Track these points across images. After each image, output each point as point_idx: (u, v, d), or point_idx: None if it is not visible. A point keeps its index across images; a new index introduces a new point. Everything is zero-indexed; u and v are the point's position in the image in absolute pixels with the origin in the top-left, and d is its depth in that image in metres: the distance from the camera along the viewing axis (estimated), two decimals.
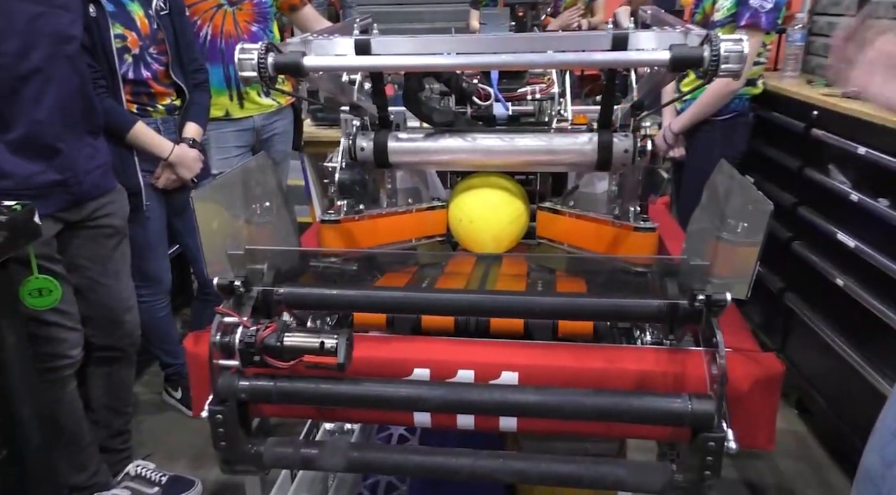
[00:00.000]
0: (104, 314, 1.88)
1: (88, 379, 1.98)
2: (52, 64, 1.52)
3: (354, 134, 1.49)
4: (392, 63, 1.18)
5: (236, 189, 1.14)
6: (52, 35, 1.50)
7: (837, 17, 2.58)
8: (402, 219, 1.51)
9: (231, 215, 1.12)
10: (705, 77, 1.04)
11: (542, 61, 1.10)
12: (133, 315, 1.97)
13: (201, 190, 1.03)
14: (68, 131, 1.60)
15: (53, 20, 1.50)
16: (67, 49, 1.57)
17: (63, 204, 1.65)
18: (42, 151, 1.56)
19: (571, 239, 1.48)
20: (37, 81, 1.50)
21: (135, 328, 2.00)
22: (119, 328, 1.93)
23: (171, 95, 2.16)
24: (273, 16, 2.70)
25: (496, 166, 1.55)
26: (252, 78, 1.10)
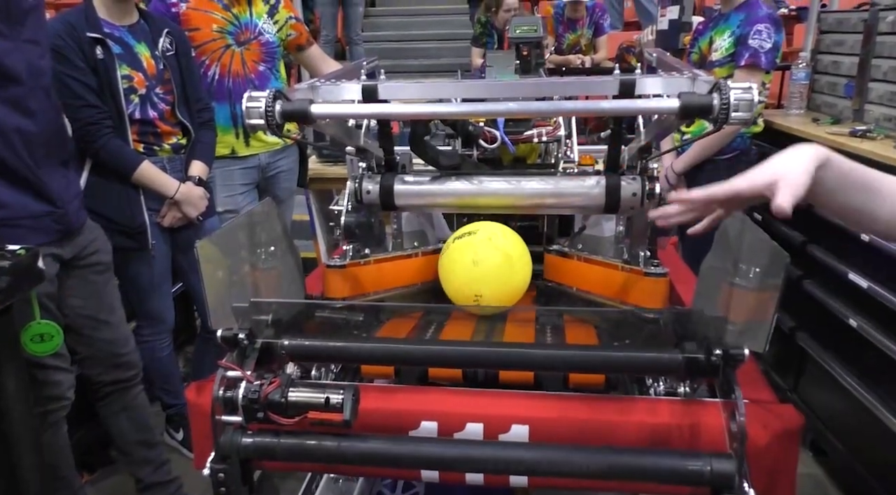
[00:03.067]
0: (107, 349, 1.87)
1: (108, 420, 1.97)
2: (29, 97, 1.52)
3: (360, 177, 1.48)
4: (398, 111, 1.17)
5: (241, 237, 1.13)
6: (26, 70, 1.50)
7: (841, 55, 2.59)
8: (407, 263, 1.49)
9: (236, 264, 1.10)
10: (715, 125, 1.03)
11: (551, 109, 1.09)
12: (132, 346, 1.96)
13: (206, 239, 1.02)
14: (49, 162, 1.60)
15: (25, 54, 1.51)
16: (43, 81, 1.57)
17: (54, 235, 1.64)
18: (28, 182, 1.56)
19: (579, 282, 1.46)
20: (14, 113, 1.50)
21: (136, 360, 1.98)
22: (122, 359, 1.92)
23: (177, 134, 2.17)
24: (280, 55, 2.73)
25: (503, 209, 1.53)
26: (259, 125, 1.10)
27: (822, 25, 2.71)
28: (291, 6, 2.86)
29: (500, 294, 1.36)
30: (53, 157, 1.62)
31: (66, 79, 1.88)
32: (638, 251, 1.35)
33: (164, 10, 2.45)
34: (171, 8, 2.45)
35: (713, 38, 2.41)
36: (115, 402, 1.93)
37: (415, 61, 6.74)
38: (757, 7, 2.31)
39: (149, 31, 2.08)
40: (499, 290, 1.36)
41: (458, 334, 1.30)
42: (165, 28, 2.13)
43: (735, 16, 2.35)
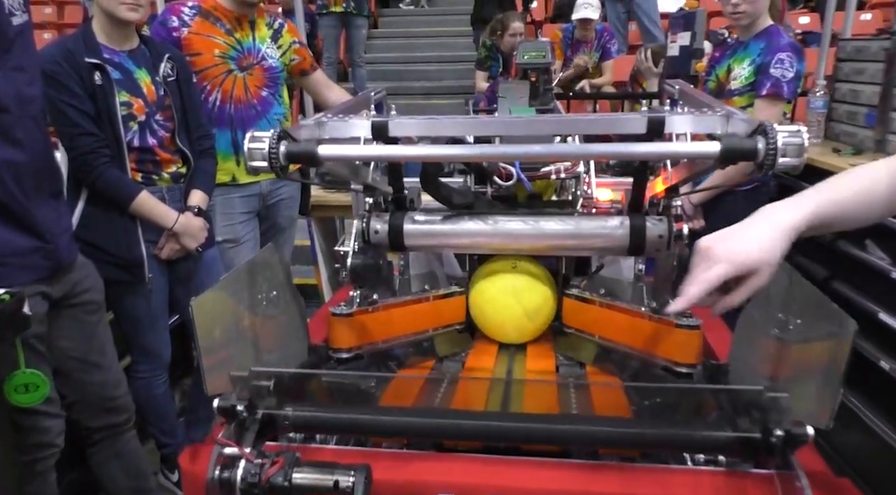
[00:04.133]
0: (97, 393, 1.77)
1: (99, 467, 1.86)
2: (17, 126, 1.44)
3: (368, 215, 1.40)
4: (412, 153, 1.09)
5: (240, 290, 1.04)
6: (14, 98, 1.43)
7: (861, 84, 2.52)
8: (418, 308, 1.40)
9: (234, 320, 1.01)
10: (761, 171, 0.95)
11: (579, 153, 1.01)
12: (124, 389, 1.86)
13: (201, 296, 0.93)
14: (38, 194, 1.51)
15: (12, 82, 1.43)
16: (31, 110, 1.50)
17: (44, 272, 1.55)
18: (15, 216, 1.47)
19: (602, 330, 1.37)
20: (2, 145, 1.42)
21: (129, 403, 1.88)
22: (114, 403, 1.81)
23: (177, 163, 2.09)
24: (283, 80, 2.66)
25: (520, 250, 1.45)
26: (262, 168, 1.02)
27: (840, 53, 2.65)
28: (295, 30, 2.80)
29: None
30: (43, 189, 1.54)
31: (62, 106, 1.80)
32: (667, 299, 1.25)
33: (165, 35, 2.39)
34: (173, 33, 2.39)
35: (731, 67, 2.34)
36: (106, 448, 1.83)
37: (417, 83, 6.72)
38: (778, 36, 2.25)
39: (149, 57, 2.01)
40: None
41: (473, 395, 1.21)
42: (166, 53, 2.06)
43: (755, 44, 2.28)
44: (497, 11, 5.67)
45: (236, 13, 2.47)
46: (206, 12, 2.45)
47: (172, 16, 2.41)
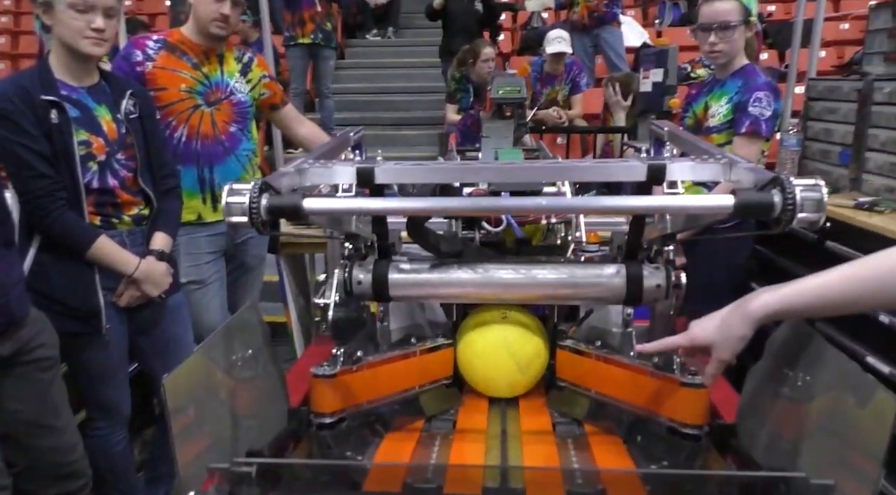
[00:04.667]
0: (50, 459, 1.62)
1: None
2: None
3: (350, 265, 1.31)
4: (404, 206, 1.01)
5: (216, 360, 0.94)
6: None
7: (834, 123, 2.54)
8: (404, 364, 1.31)
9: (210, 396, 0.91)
10: (777, 227, 0.90)
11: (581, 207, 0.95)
12: (80, 453, 1.71)
13: (173, 373, 0.83)
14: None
15: None
16: None
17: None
18: None
19: (599, 385, 1.30)
20: None
21: (85, 467, 1.73)
22: (68, 469, 1.66)
23: (139, 204, 1.97)
24: (252, 115, 2.58)
25: (512, 300, 1.38)
26: (241, 224, 0.93)
27: (811, 92, 2.68)
28: (265, 64, 2.72)
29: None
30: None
31: (14, 146, 1.68)
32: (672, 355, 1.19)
33: (128, 70, 2.28)
34: (136, 67, 2.29)
35: (709, 104, 2.34)
36: None
37: (385, 114, 6.68)
38: (755, 75, 2.25)
39: (110, 93, 1.90)
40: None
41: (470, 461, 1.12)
42: (128, 89, 1.95)
43: (732, 82, 2.28)
44: (465, 43, 5.69)
45: (204, 47, 2.39)
46: (172, 46, 2.36)
47: (136, 50, 2.32)
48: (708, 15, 2.28)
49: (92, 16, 1.73)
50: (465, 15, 5.62)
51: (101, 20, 1.74)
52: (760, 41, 2.52)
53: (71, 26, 1.72)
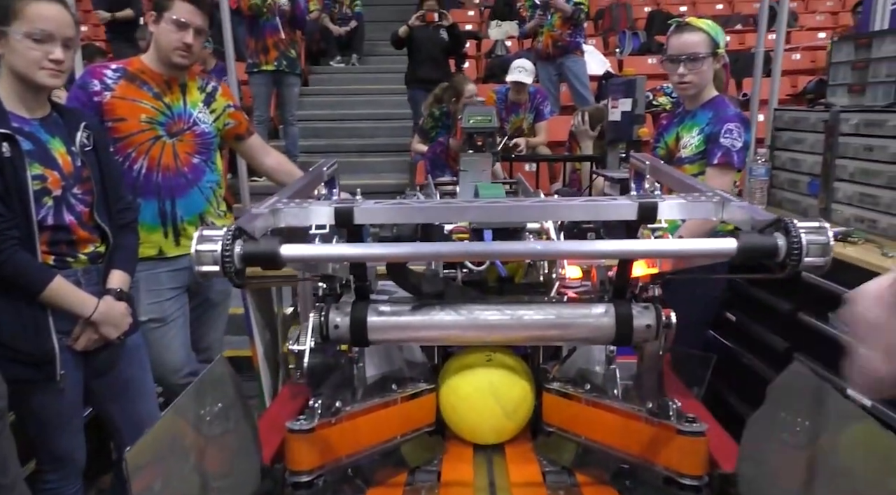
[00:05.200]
0: None
1: None
2: None
3: (326, 307, 1.24)
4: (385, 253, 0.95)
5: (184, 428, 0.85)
6: None
7: (801, 153, 2.58)
8: (385, 413, 1.23)
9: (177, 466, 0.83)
10: (782, 272, 0.86)
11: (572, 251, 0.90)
12: None
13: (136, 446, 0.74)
14: None
15: None
16: None
17: None
18: None
19: (589, 431, 1.24)
20: None
21: None
22: None
23: (95, 241, 1.85)
24: (216, 146, 2.49)
25: (497, 342, 1.32)
26: (213, 273, 0.85)
27: (778, 123, 2.71)
28: (230, 94, 2.65)
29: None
30: None
31: None
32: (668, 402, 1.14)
33: (84, 100, 2.19)
34: (94, 97, 2.19)
35: (680, 134, 2.34)
36: None
37: (349, 141, 6.62)
38: (724, 106, 2.27)
39: (63, 125, 1.80)
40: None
41: None
42: (82, 121, 1.85)
43: (703, 114, 2.29)
44: (433, 72, 5.68)
45: (165, 76, 2.31)
46: (132, 75, 2.28)
47: (94, 79, 2.22)
48: (676, 47, 2.30)
49: (50, 46, 1.64)
50: (431, 43, 5.63)
51: (59, 51, 1.65)
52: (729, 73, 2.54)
53: (27, 56, 1.63)
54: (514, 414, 1.31)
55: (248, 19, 5.42)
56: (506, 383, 1.30)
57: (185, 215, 2.37)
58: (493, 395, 1.29)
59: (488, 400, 1.29)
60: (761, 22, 3.62)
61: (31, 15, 1.62)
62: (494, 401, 1.29)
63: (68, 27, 1.68)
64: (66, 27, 1.67)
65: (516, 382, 1.31)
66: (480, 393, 1.29)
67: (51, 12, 1.64)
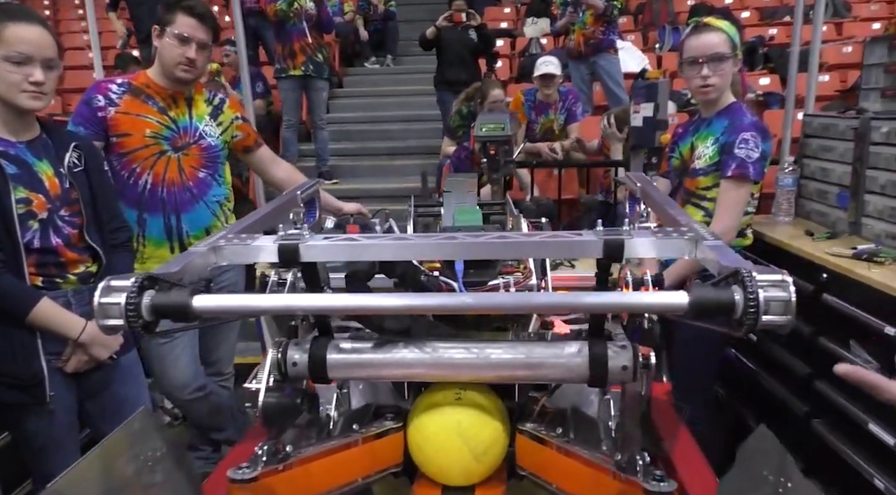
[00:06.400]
0: None
1: None
2: None
3: (285, 344, 1.19)
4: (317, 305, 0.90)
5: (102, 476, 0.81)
6: None
7: (831, 162, 2.41)
8: (345, 455, 1.17)
9: None
10: (739, 330, 0.77)
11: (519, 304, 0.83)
12: None
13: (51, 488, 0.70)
14: None
15: None
16: None
17: None
18: None
19: (559, 480, 1.16)
20: None
21: None
22: None
23: (86, 262, 1.85)
24: (224, 159, 2.48)
25: (463, 380, 1.25)
26: (118, 327, 0.81)
27: (807, 129, 2.54)
28: (238, 105, 2.64)
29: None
30: None
31: None
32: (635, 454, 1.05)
33: (88, 115, 2.21)
34: (98, 112, 2.21)
35: (695, 144, 2.22)
36: None
37: (381, 143, 6.59)
38: (741, 114, 2.13)
39: (52, 146, 1.80)
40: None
41: None
42: (72, 141, 1.84)
43: (718, 122, 2.16)
44: (462, 74, 5.61)
45: (170, 90, 2.31)
46: (137, 90, 2.28)
47: (98, 94, 2.24)
48: (697, 48, 2.17)
49: (30, 68, 1.63)
50: (459, 44, 5.55)
51: (39, 73, 1.64)
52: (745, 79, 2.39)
53: (7, 79, 1.63)
54: (483, 456, 1.23)
55: (275, 24, 5.44)
56: (475, 423, 1.22)
57: (190, 230, 2.38)
58: (461, 436, 1.21)
59: (455, 441, 1.21)
60: (797, 15, 3.36)
61: (10, 38, 1.61)
62: (462, 443, 1.21)
63: (48, 48, 1.67)
64: (45, 49, 1.66)
65: (487, 423, 1.23)
66: (447, 433, 1.21)
67: (29, 34, 1.64)
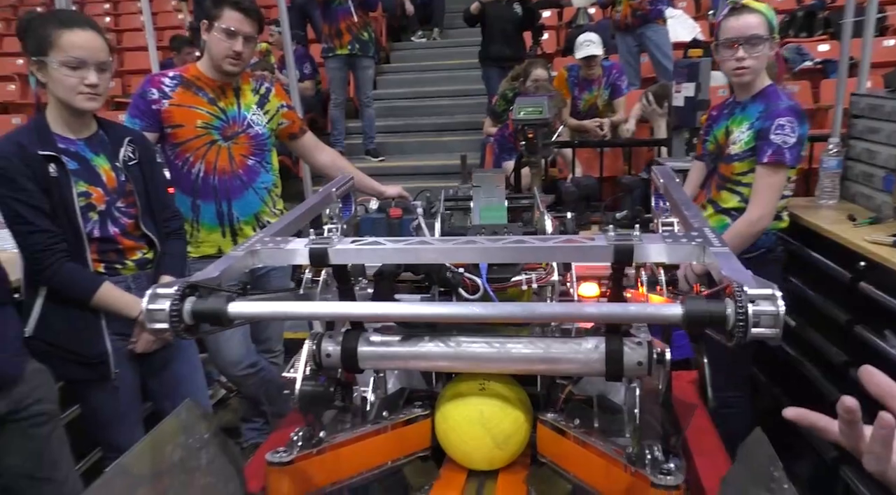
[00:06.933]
0: None
1: None
2: None
3: (319, 336, 1.28)
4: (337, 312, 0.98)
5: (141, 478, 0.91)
6: None
7: (877, 144, 2.34)
8: (376, 440, 1.27)
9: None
10: (730, 341, 0.81)
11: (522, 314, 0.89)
12: None
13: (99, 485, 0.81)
14: None
15: None
16: None
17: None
18: None
19: (576, 469, 1.22)
20: None
21: None
22: None
23: (142, 249, 1.99)
24: (271, 146, 2.59)
25: (486, 372, 1.32)
26: (163, 330, 0.90)
27: (854, 109, 2.47)
28: (283, 94, 2.73)
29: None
30: None
31: (12, 203, 1.72)
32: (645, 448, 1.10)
33: (144, 108, 2.33)
34: (152, 105, 2.33)
35: (730, 129, 2.19)
36: None
37: (427, 119, 6.62)
38: (776, 98, 2.10)
39: (108, 142, 1.92)
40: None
41: None
42: (126, 137, 1.97)
43: (753, 106, 2.13)
44: (506, 49, 5.58)
45: (219, 82, 2.42)
46: (189, 82, 2.39)
47: (152, 88, 2.36)
48: (736, 29, 2.14)
49: (84, 72, 1.75)
50: (503, 19, 5.50)
51: (93, 76, 1.76)
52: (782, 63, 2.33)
53: (65, 83, 1.75)
54: (504, 444, 1.30)
55: (322, 5, 5.51)
56: (497, 413, 1.30)
57: (240, 215, 2.49)
58: (483, 425, 1.28)
59: (478, 429, 1.29)
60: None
61: (65, 44, 1.73)
62: (484, 431, 1.29)
63: (101, 52, 1.78)
64: (98, 52, 1.77)
65: (508, 413, 1.30)
66: (470, 422, 1.29)
67: (82, 40, 1.75)
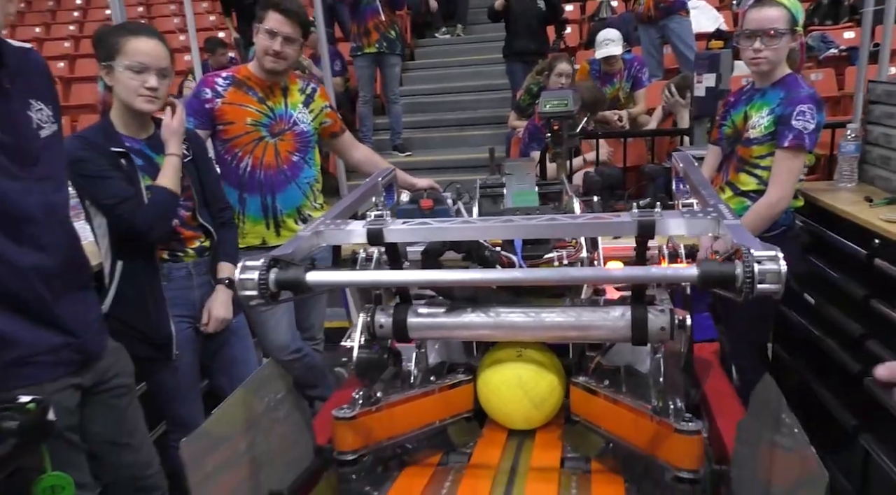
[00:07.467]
0: (128, 474, 1.83)
1: None
2: (45, 233, 1.52)
3: (373, 309, 1.44)
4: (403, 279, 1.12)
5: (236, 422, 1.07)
6: (42, 207, 1.51)
7: (894, 129, 2.43)
8: (424, 402, 1.42)
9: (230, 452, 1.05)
10: (739, 297, 0.94)
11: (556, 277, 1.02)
12: (156, 467, 1.92)
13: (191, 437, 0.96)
14: (65, 291, 1.59)
15: (40, 193, 1.51)
16: (58, 214, 1.58)
17: (73, 367, 1.61)
18: (43, 316, 1.54)
19: (607, 423, 1.36)
20: (30, 251, 1.49)
21: (160, 481, 1.93)
22: (145, 483, 1.87)
23: (200, 237, 2.16)
24: (314, 144, 2.72)
25: (521, 340, 1.46)
26: (252, 297, 1.06)
27: (871, 95, 2.56)
28: (327, 95, 2.87)
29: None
30: (71, 286, 1.61)
31: (98, 181, 1.89)
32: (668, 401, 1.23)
33: (198, 107, 2.48)
34: (206, 104, 2.49)
35: (749, 114, 2.29)
36: None
37: (452, 114, 6.75)
38: (797, 86, 2.20)
39: None
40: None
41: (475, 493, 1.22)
42: None
43: (773, 93, 2.23)
44: (530, 44, 5.68)
45: (268, 82, 2.55)
46: (240, 82, 2.54)
47: (206, 88, 2.51)
48: (757, 21, 2.23)
49: (146, 76, 1.91)
50: (527, 14, 5.61)
51: (154, 80, 1.92)
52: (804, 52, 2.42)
53: (128, 85, 1.91)
54: (541, 405, 1.44)
55: (350, 5, 5.66)
56: (534, 377, 1.44)
57: (284, 209, 2.64)
58: (521, 388, 1.43)
59: (516, 392, 1.43)
60: None
61: (130, 50, 1.90)
62: (522, 394, 1.43)
63: (163, 59, 1.95)
64: (160, 59, 1.94)
65: (544, 376, 1.44)
66: (508, 386, 1.44)
67: (146, 47, 1.92)
